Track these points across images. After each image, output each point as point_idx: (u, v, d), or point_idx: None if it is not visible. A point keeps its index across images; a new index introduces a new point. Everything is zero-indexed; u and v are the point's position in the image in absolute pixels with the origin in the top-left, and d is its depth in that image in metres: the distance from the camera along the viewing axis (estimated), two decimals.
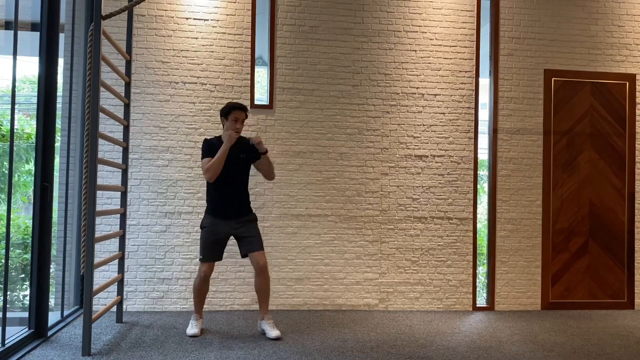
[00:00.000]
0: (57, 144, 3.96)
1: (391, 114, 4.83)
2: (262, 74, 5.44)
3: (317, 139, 4.75)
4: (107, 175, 4.49)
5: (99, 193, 4.26)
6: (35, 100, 3.57)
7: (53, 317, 3.83)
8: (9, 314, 3.50)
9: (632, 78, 5.08)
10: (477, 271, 4.94)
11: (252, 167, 3.91)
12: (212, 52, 4.68)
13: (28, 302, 3.56)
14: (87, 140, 3.38)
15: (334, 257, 4.73)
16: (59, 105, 3.72)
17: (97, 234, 3.77)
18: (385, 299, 4.76)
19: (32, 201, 3.55)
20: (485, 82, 5.04)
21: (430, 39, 4.89)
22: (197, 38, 4.66)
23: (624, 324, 4.42)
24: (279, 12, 4.75)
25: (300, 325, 4.11)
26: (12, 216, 3.28)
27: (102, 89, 3.49)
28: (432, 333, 3.96)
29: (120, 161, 4.28)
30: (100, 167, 4.27)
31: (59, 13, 3.67)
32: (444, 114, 4.88)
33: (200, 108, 4.65)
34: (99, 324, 3.97)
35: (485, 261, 5.01)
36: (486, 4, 5.04)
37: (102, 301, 4.38)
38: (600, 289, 5.00)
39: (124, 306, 4.42)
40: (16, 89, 3.27)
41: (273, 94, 4.73)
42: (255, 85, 4.81)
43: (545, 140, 4.97)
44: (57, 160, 4.08)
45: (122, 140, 4.12)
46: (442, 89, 4.88)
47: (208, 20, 4.68)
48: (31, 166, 4.68)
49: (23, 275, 4.67)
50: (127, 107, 4.15)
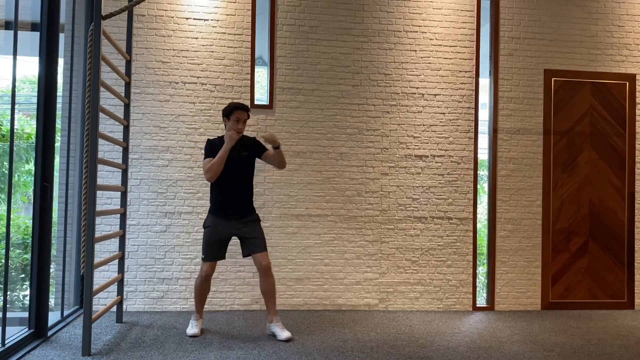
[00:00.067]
0: (57, 144, 3.96)
1: (391, 114, 4.83)
2: (262, 74, 5.44)
3: (317, 139, 4.75)
4: (107, 175, 4.49)
5: (99, 193, 4.27)
6: (35, 100, 3.57)
7: (53, 317, 3.83)
8: (9, 314, 3.50)
9: (632, 78, 5.08)
10: (477, 271, 4.94)
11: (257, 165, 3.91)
12: (212, 52, 4.68)
13: (28, 302, 3.56)
14: (87, 140, 3.38)
15: (334, 257, 4.73)
16: (59, 105, 3.72)
17: (97, 234, 3.77)
18: (385, 299, 4.76)
19: (32, 201, 3.55)
20: (485, 82, 5.04)
21: (430, 39, 4.89)
22: (197, 38, 4.66)
23: (624, 324, 4.42)
24: (279, 12, 4.75)
25: (300, 325, 4.11)
26: (12, 216, 3.28)
27: (102, 89, 3.49)
28: (432, 333, 3.96)
29: (120, 161, 4.28)
30: (100, 167, 4.27)
31: (59, 13, 3.66)
32: (444, 114, 4.88)
33: (200, 108, 4.65)
34: (99, 324, 3.97)
35: (485, 261, 5.01)
36: (486, 4, 5.04)
37: (102, 301, 4.38)
38: (600, 289, 5.00)
39: (124, 306, 4.42)
40: (16, 89, 3.27)
41: (273, 94, 4.74)
42: (255, 85, 4.81)
43: (545, 140, 4.97)
44: (57, 160, 4.08)
45: (122, 140, 4.12)
46: (442, 89, 4.88)
47: (208, 20, 4.68)
48: (31, 166, 4.68)
49: (23, 275, 4.67)
50: (127, 107, 4.15)
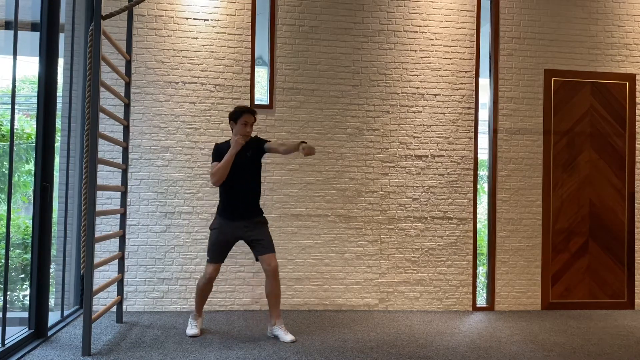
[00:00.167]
0: (57, 144, 3.96)
1: (391, 114, 4.83)
2: (262, 74, 5.44)
3: (317, 139, 4.75)
4: (107, 175, 4.49)
5: (99, 193, 4.26)
6: (35, 100, 3.57)
7: (53, 317, 3.83)
8: (9, 314, 3.50)
9: (632, 78, 5.08)
10: (477, 271, 4.94)
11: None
12: (212, 52, 4.68)
13: (28, 302, 3.56)
14: (87, 140, 3.38)
15: (334, 257, 4.73)
16: (59, 105, 3.72)
17: (97, 234, 3.76)
18: (385, 299, 4.76)
19: (32, 201, 3.55)
20: (485, 82, 5.04)
21: (430, 39, 4.89)
22: (197, 38, 4.66)
23: (624, 324, 4.42)
24: (279, 12, 4.75)
25: (300, 325, 4.11)
26: (12, 216, 3.28)
27: (102, 89, 3.49)
28: (432, 333, 3.96)
29: (120, 161, 4.28)
30: (100, 167, 4.27)
31: (59, 13, 3.67)
32: (444, 114, 4.88)
33: (200, 108, 4.65)
34: (99, 324, 3.97)
35: (485, 261, 5.01)
36: (486, 4, 5.04)
37: (102, 301, 4.38)
38: (600, 289, 5.00)
39: (124, 306, 4.42)
40: (16, 89, 3.27)
41: (273, 94, 4.73)
42: (255, 85, 4.81)
43: (545, 140, 4.97)
44: (57, 160, 4.08)
45: (122, 140, 4.12)
46: (442, 89, 4.88)
47: (208, 20, 4.68)
48: (31, 166, 4.68)
49: (23, 275, 4.67)
50: (127, 107, 4.15)
